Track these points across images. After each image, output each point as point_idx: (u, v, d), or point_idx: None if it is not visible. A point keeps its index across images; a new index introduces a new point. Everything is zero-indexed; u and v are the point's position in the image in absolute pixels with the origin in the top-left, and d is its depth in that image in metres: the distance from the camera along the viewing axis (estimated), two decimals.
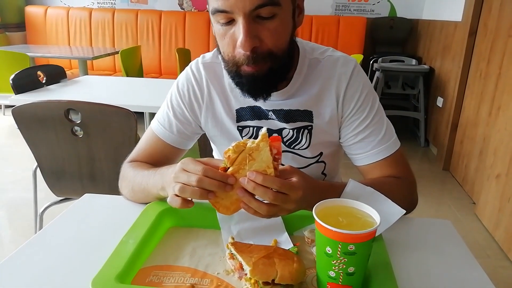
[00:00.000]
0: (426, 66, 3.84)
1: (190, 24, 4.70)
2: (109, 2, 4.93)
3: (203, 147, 1.37)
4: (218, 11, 0.73)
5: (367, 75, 3.37)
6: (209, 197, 0.67)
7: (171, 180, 0.71)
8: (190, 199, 0.69)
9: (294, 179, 0.69)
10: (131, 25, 4.76)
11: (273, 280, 0.59)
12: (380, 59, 4.02)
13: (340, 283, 0.58)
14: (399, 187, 0.87)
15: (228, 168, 0.66)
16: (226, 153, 0.66)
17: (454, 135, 3.27)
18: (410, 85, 4.04)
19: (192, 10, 4.84)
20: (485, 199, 2.47)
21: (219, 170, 0.67)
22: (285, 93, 0.90)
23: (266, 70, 0.78)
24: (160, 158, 0.96)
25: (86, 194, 0.96)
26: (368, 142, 0.90)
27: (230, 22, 0.75)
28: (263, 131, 0.65)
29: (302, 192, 0.68)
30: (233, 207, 0.69)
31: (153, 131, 0.97)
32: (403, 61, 4.10)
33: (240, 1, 0.70)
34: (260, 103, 0.91)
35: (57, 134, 1.48)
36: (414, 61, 4.07)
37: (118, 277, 0.60)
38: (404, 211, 0.76)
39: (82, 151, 1.52)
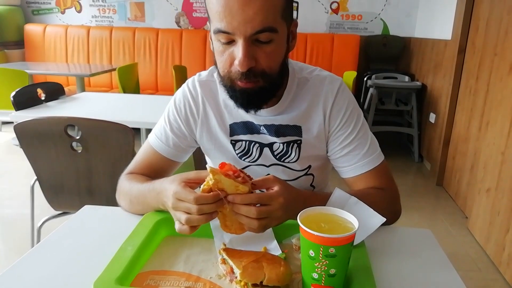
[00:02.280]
0: (418, 83, 3.93)
1: (187, 41, 4.80)
2: (107, 20, 5.03)
3: (198, 160, 1.42)
4: (220, 32, 0.79)
5: (361, 92, 3.46)
6: (213, 217, 0.72)
7: (170, 208, 0.76)
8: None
9: (275, 188, 0.75)
10: (129, 42, 4.85)
11: (261, 282, 0.64)
12: (373, 76, 4.11)
13: (322, 284, 0.62)
14: (382, 198, 0.92)
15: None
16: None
17: (446, 151, 3.33)
18: (403, 101, 4.12)
19: (189, 28, 4.95)
20: (477, 213, 2.52)
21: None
22: (276, 109, 0.96)
23: (258, 88, 0.84)
24: (157, 170, 1.01)
25: (86, 205, 1.00)
26: (354, 155, 0.96)
27: (230, 42, 0.81)
28: (208, 169, 0.71)
29: (283, 199, 0.73)
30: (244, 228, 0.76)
31: (150, 145, 1.02)
32: (396, 78, 4.19)
33: (243, 26, 0.77)
34: (252, 119, 0.97)
35: (57, 149, 1.53)
36: (407, 78, 4.16)
37: (117, 280, 0.64)
38: (385, 219, 0.81)
39: (81, 166, 1.56)
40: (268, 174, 0.99)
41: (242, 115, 0.97)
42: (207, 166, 0.72)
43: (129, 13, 4.98)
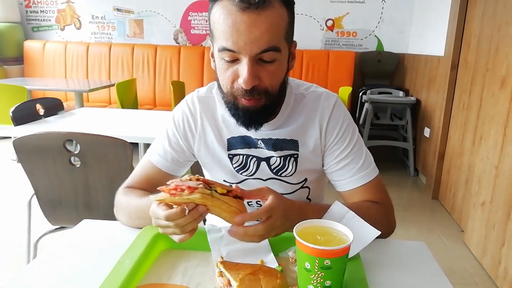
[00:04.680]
0: (413, 98, 3.98)
1: (185, 57, 4.85)
2: (106, 37, 5.09)
3: (195, 173, 1.43)
4: (226, 50, 0.82)
5: (357, 107, 3.54)
6: (196, 223, 0.73)
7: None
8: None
9: (270, 198, 0.77)
10: (127, 58, 4.90)
11: None
12: (369, 91, 4.16)
13: None
14: (378, 211, 0.94)
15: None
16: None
17: (441, 165, 3.36)
18: (398, 116, 4.16)
19: (187, 45, 5.01)
20: (472, 227, 2.53)
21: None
22: (273, 124, 0.98)
23: (260, 106, 0.87)
24: (154, 184, 1.02)
25: (84, 219, 1.01)
26: (349, 169, 0.98)
27: (234, 60, 0.83)
28: (154, 204, 0.72)
29: (280, 208, 0.76)
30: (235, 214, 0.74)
31: (149, 159, 1.04)
32: (391, 93, 4.24)
33: (248, 45, 0.80)
34: (250, 133, 0.99)
35: (55, 164, 1.54)
36: (401, 93, 4.22)
37: None
38: (380, 232, 0.82)
39: (79, 181, 1.57)
40: None
41: (240, 130, 0.99)
42: (151, 197, 0.72)
43: (128, 30, 5.04)
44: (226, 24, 0.80)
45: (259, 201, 0.97)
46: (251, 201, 1.04)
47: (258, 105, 0.86)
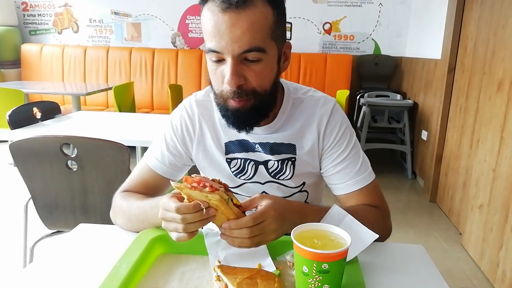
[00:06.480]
0: (410, 101, 3.99)
1: (183, 61, 4.86)
2: (103, 40, 5.09)
3: None
4: (211, 51, 0.83)
5: (354, 110, 3.56)
6: (201, 225, 0.73)
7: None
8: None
9: (263, 203, 0.77)
10: (125, 62, 4.90)
11: None
12: (366, 94, 4.17)
13: None
14: (375, 215, 0.94)
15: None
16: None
17: (439, 167, 3.36)
18: (396, 119, 4.17)
19: (185, 48, 5.02)
20: (470, 230, 2.53)
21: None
22: (271, 127, 0.98)
23: (249, 107, 0.87)
24: (151, 188, 1.02)
25: (80, 224, 1.01)
26: (346, 173, 0.98)
27: (221, 60, 0.84)
28: (173, 185, 0.72)
29: (274, 211, 0.75)
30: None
31: (146, 163, 1.04)
32: (388, 96, 4.26)
33: (230, 45, 0.80)
34: (247, 137, 0.99)
35: (52, 168, 1.53)
36: (398, 96, 4.23)
37: None
38: (377, 236, 0.82)
39: (76, 184, 1.57)
40: (263, 192, 1.02)
41: (238, 134, 0.99)
42: (171, 182, 0.73)
43: (125, 33, 5.05)
44: (210, 25, 0.81)
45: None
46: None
47: (247, 106, 0.86)
